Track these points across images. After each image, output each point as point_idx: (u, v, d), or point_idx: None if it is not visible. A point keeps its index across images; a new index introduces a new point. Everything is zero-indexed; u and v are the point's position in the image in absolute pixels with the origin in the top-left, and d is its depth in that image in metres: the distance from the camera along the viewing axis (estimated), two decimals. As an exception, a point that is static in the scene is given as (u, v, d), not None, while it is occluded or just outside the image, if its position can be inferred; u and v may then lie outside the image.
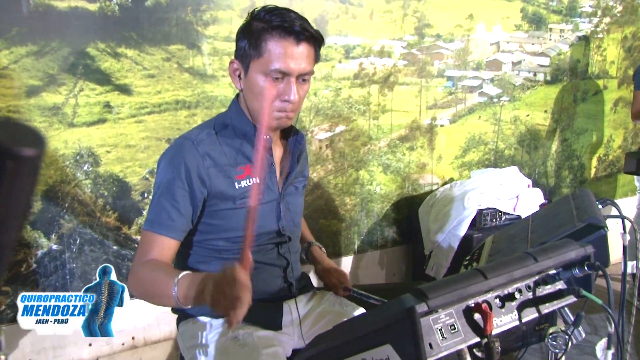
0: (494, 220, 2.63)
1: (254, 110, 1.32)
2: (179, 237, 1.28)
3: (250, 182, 1.32)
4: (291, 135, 1.44)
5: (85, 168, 2.10)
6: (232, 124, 1.36)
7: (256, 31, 1.25)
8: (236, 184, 1.32)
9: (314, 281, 1.62)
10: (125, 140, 2.15)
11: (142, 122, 2.17)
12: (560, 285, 0.95)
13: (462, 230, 2.57)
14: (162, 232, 1.25)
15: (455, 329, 0.79)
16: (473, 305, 0.83)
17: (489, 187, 2.71)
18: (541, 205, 2.79)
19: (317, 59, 1.32)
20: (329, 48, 2.56)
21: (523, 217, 2.69)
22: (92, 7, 2.02)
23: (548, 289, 0.94)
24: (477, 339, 0.81)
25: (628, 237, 1.34)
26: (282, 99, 1.27)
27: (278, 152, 1.43)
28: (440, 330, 0.78)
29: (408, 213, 2.92)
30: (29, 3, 1.91)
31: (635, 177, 3.08)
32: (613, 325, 0.92)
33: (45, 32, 1.95)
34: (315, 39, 1.28)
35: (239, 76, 1.32)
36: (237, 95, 1.39)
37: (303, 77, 1.29)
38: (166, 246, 1.26)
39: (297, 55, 1.24)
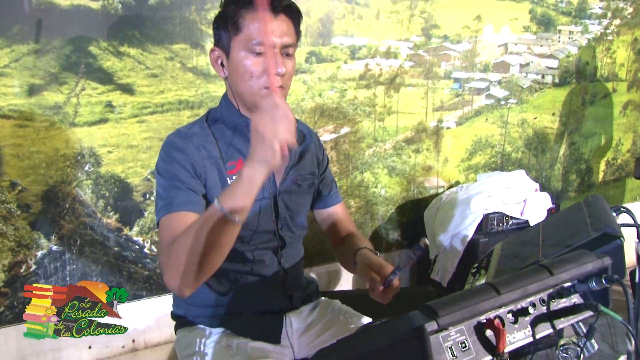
0: (501, 224, 2.59)
1: (241, 93, 1.26)
2: (200, 210, 1.19)
3: None
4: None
5: (86, 168, 2.07)
6: (222, 118, 1.32)
7: (231, 12, 1.22)
8: (228, 179, 1.27)
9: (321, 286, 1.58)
10: (127, 141, 2.12)
11: (145, 122, 2.14)
12: (575, 298, 0.91)
13: (468, 235, 2.53)
14: (182, 209, 1.17)
15: (466, 346, 0.75)
16: (485, 321, 0.79)
17: (495, 190, 2.67)
18: (549, 210, 2.74)
19: (298, 34, 1.27)
20: (334, 48, 2.53)
21: (530, 221, 2.65)
22: (94, 5, 1.98)
23: (563, 302, 0.89)
24: (490, 357, 0.77)
25: (643, 246, 1.30)
26: (269, 74, 1.19)
27: None
28: (451, 348, 0.74)
29: (413, 216, 2.88)
30: (30, 1, 1.88)
31: (644, 181, 3.04)
32: (633, 342, 0.88)
33: (47, 30, 1.92)
34: (292, 11, 1.24)
35: (222, 63, 1.27)
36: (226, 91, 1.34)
37: (287, 52, 1.24)
38: (190, 221, 1.13)
39: (276, 26, 1.20)
